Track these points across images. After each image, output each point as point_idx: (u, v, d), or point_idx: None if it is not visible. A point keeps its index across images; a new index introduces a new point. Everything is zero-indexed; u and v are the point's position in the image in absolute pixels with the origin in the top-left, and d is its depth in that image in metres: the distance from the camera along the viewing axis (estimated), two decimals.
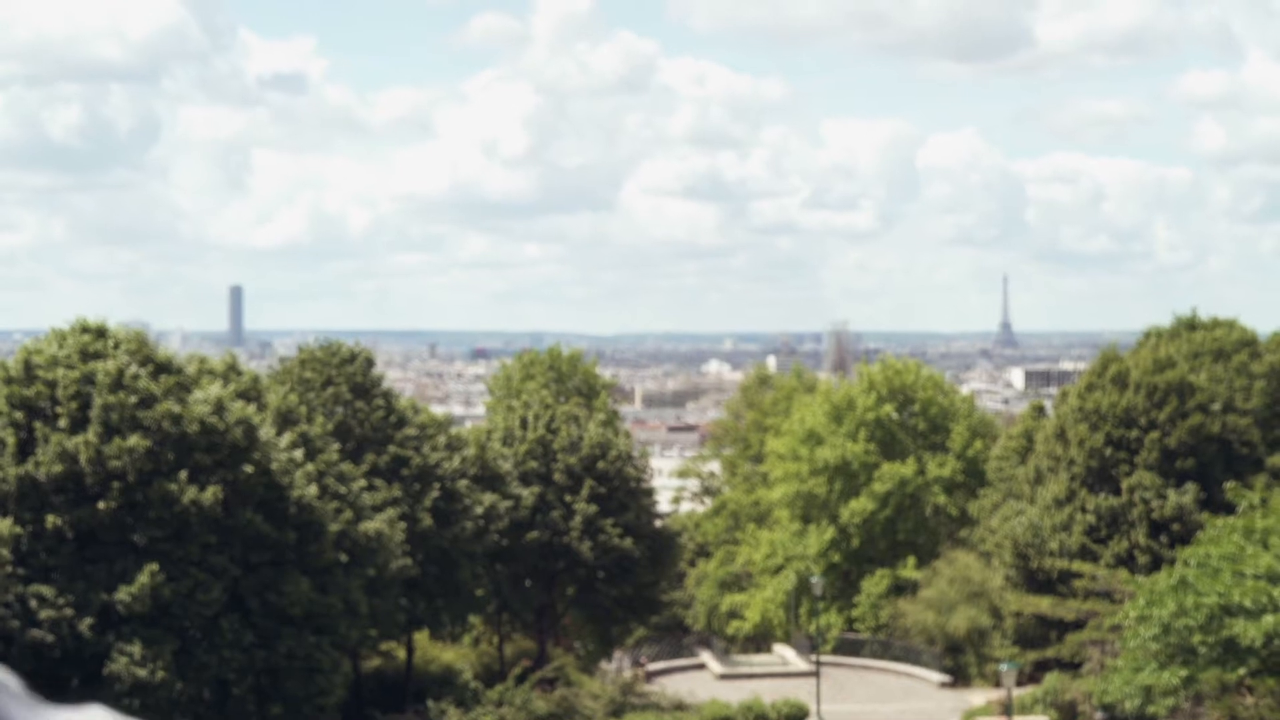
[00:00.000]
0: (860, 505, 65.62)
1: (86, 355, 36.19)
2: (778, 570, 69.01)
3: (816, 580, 53.95)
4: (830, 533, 66.66)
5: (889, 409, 67.90)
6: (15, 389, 35.75)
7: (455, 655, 51.63)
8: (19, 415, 35.36)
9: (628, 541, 52.03)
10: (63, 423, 35.00)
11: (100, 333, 37.31)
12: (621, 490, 53.31)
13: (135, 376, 35.31)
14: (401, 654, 48.74)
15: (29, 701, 0.86)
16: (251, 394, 39.91)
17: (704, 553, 77.57)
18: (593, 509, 51.70)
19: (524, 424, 53.72)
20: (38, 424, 35.16)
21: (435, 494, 45.15)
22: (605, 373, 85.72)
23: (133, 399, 34.79)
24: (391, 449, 45.22)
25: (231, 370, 40.90)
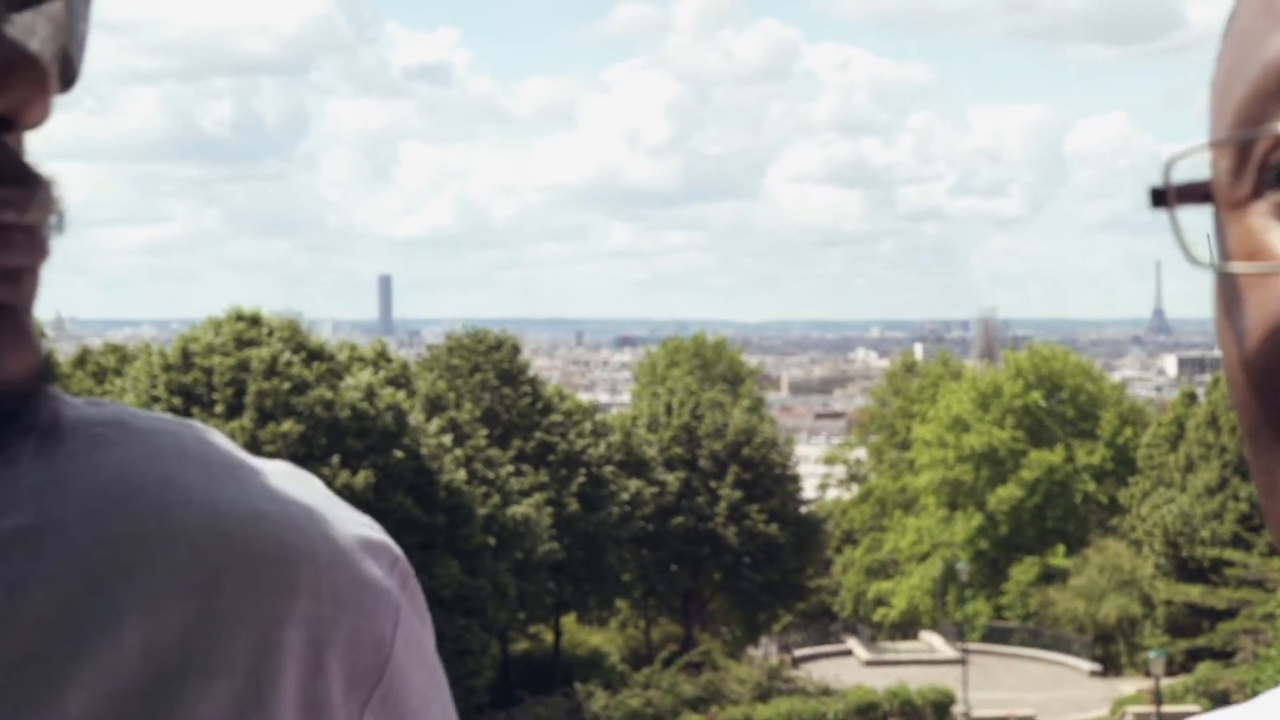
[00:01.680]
0: (1008, 493, 65.02)
1: (241, 343, 37.06)
2: (924, 557, 68.58)
3: (963, 567, 53.64)
4: (977, 520, 66.12)
5: (1036, 396, 67.20)
6: (173, 376, 36.74)
7: (602, 639, 52.06)
8: (177, 401, 36.32)
9: (773, 527, 52.11)
10: (219, 409, 35.91)
11: (254, 321, 38.17)
12: (766, 476, 53.40)
13: (288, 363, 36.11)
14: (549, 637, 49.27)
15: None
16: (401, 381, 40.60)
17: (850, 539, 77.23)
18: (738, 495, 51.84)
19: (669, 410, 53.97)
20: (195, 410, 36.08)
21: (581, 479, 45.59)
22: (751, 360, 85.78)
23: (286, 385, 35.59)
24: (538, 435, 45.74)
25: (381, 358, 41.62)
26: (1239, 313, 0.64)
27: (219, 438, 0.94)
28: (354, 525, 0.94)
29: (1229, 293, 0.65)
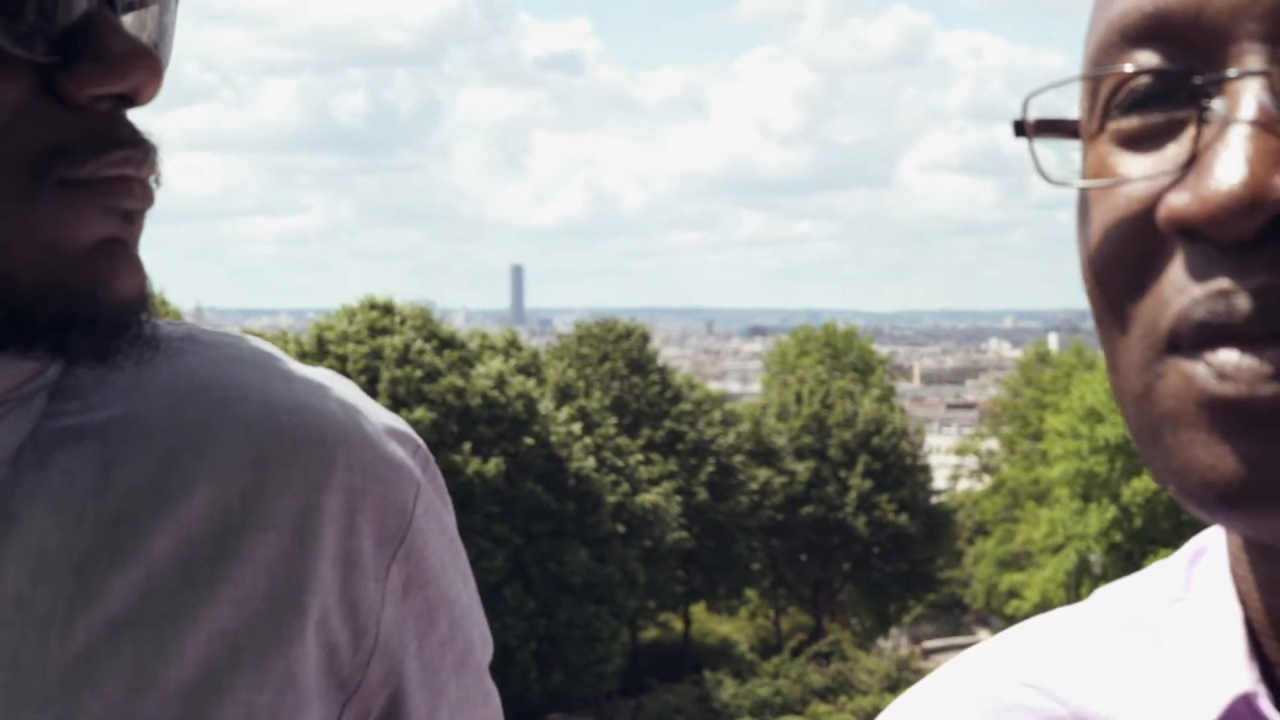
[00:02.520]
0: (1143, 484, 64.07)
1: (375, 331, 37.54)
2: (1057, 550, 67.83)
3: (1097, 560, 52.97)
4: (1111, 512, 65.26)
5: None
6: (309, 364, 37.14)
7: (731, 628, 52.09)
8: None
9: (903, 518, 51.83)
10: None
11: (388, 309, 38.64)
12: (897, 466, 53.10)
13: (420, 352, 36.53)
14: (678, 626, 49.38)
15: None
16: (531, 369, 40.90)
17: (982, 531, 76.62)
18: (868, 485, 51.61)
19: (799, 399, 53.85)
20: None
21: (710, 469, 45.65)
22: (883, 350, 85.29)
23: (418, 373, 36.00)
24: (667, 424, 45.84)
25: (512, 346, 41.95)
26: (1086, 222, 0.76)
27: (272, 348, 1.13)
28: (383, 416, 1.13)
29: (1082, 207, 0.77)
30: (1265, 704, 0.76)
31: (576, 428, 38.82)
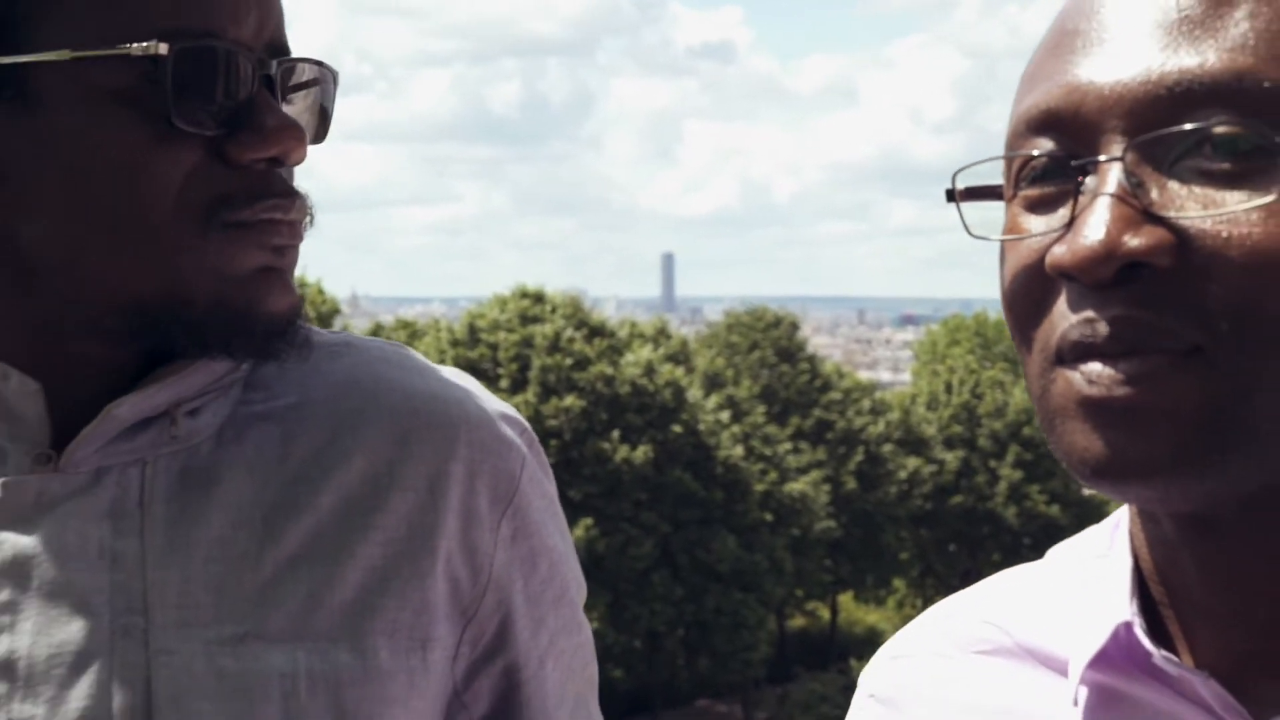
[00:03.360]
0: None
1: (525, 320, 37.98)
2: None
3: None
4: None
5: None
6: (460, 351, 37.83)
7: (879, 617, 51.97)
8: None
9: (1054, 509, 51.27)
10: (503, 383, 36.87)
11: (538, 298, 39.06)
12: (1048, 457, 52.50)
13: (571, 340, 36.90)
14: (826, 614, 49.40)
15: None
16: (680, 357, 41.11)
17: None
18: (1018, 475, 51.15)
19: (948, 389, 53.51)
20: (481, 384, 37.11)
21: (859, 458, 45.56)
22: None
23: (568, 361, 36.37)
24: (816, 412, 45.84)
25: (661, 334, 42.19)
26: (1002, 265, 0.98)
27: (410, 351, 1.44)
28: (497, 405, 1.42)
29: (1001, 254, 0.98)
30: (1139, 631, 0.96)
31: (725, 416, 38.97)
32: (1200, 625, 0.97)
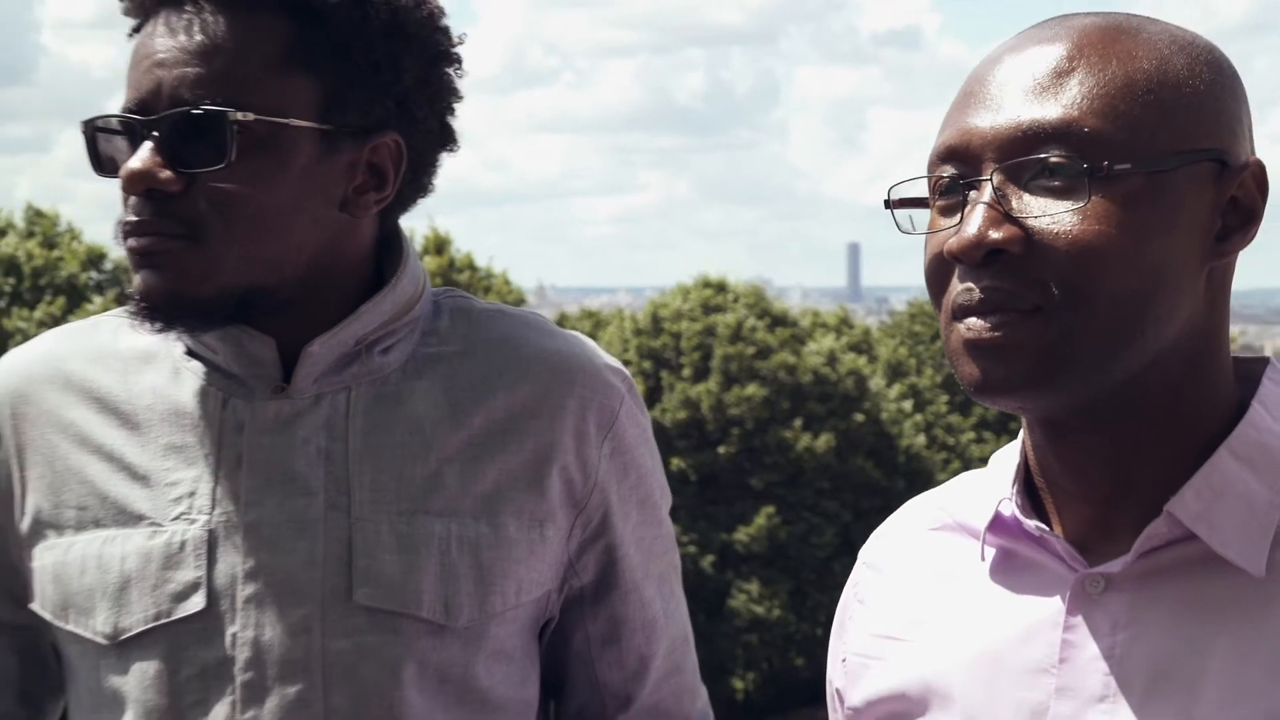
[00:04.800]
0: None
1: (708, 309, 38.38)
2: None
3: None
4: None
5: None
6: (644, 340, 38.38)
7: None
8: (647, 365, 37.95)
9: None
10: (686, 372, 37.35)
11: (720, 287, 39.44)
12: None
13: (753, 329, 37.25)
14: None
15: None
16: (863, 346, 41.23)
17: None
18: None
19: None
20: (664, 373, 37.69)
21: None
22: (1233, 328, 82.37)
23: (750, 350, 36.72)
24: None
25: (843, 324, 42.34)
26: (926, 253, 1.37)
27: (546, 319, 1.91)
28: (605, 359, 1.89)
29: (925, 245, 1.37)
30: (1014, 506, 1.40)
31: (908, 405, 39.04)
32: (1062, 502, 1.40)
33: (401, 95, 1.70)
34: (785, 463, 35.85)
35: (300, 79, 1.65)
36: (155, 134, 1.62)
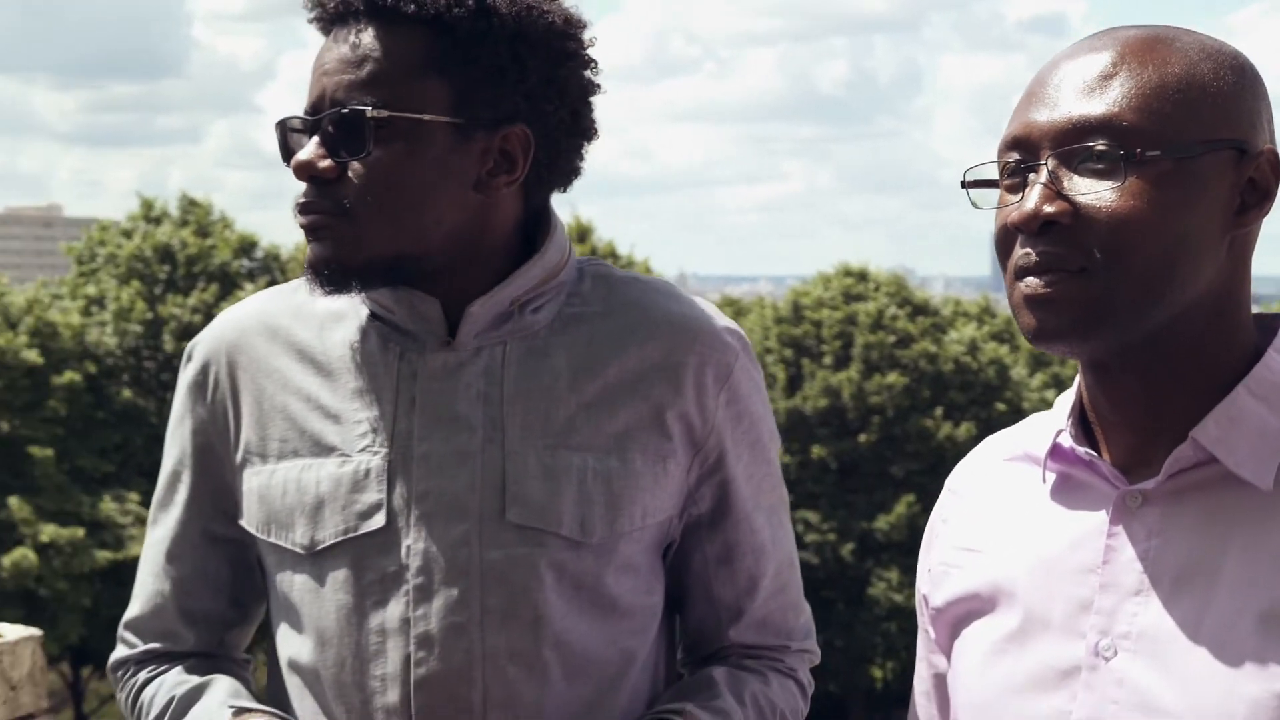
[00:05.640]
0: None
1: (849, 297, 38.41)
2: None
3: None
4: None
5: None
6: (785, 328, 38.53)
7: None
8: (788, 353, 38.12)
9: None
10: (827, 360, 37.44)
11: (862, 276, 39.42)
12: None
13: (894, 317, 37.25)
14: None
15: None
16: (1005, 335, 41.00)
17: None
18: None
19: None
20: (805, 361, 37.83)
21: None
22: None
23: (891, 339, 36.72)
24: None
25: (985, 312, 42.13)
26: (995, 224, 1.62)
27: (674, 286, 2.20)
28: (724, 321, 2.17)
29: (995, 219, 1.62)
30: (1068, 436, 1.66)
31: (1050, 395, 38.71)
32: (1109, 432, 1.67)
33: (528, 92, 2.00)
34: (926, 451, 35.79)
35: (435, 80, 1.96)
36: (318, 130, 1.98)
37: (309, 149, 1.98)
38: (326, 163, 1.97)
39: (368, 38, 1.97)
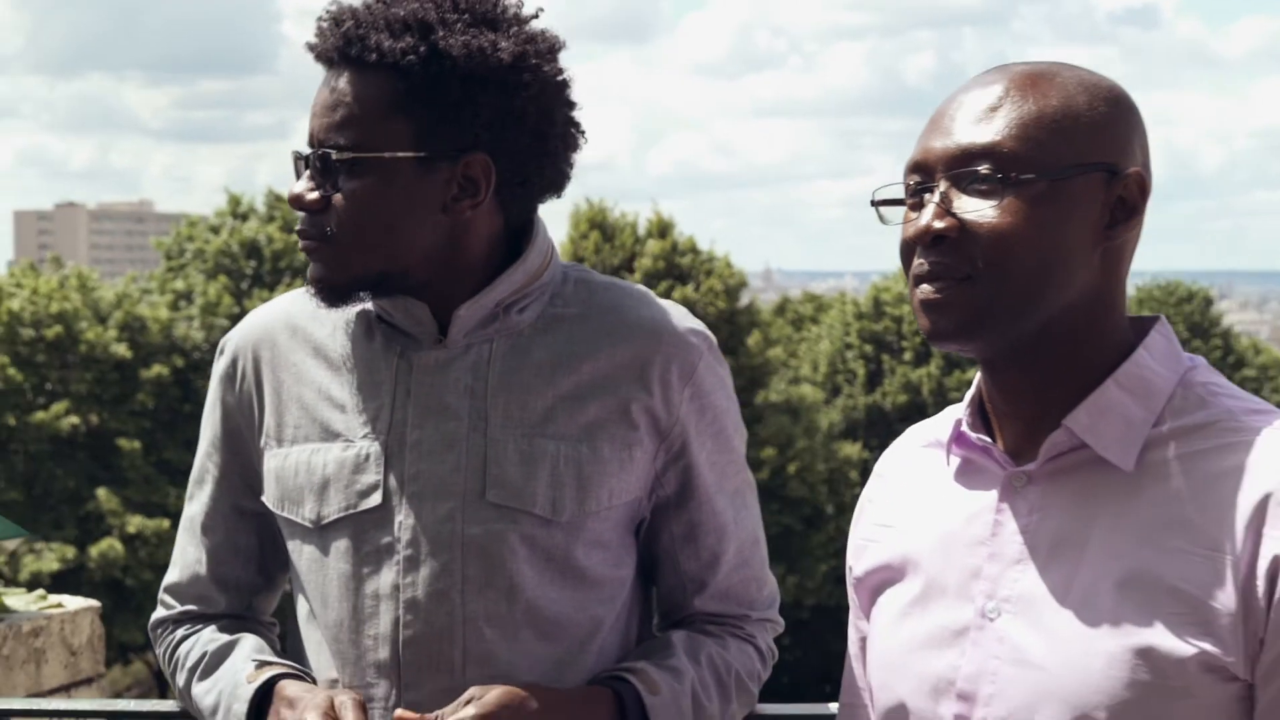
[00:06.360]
0: None
1: None
2: None
3: None
4: None
5: None
6: (865, 324, 38.67)
7: None
8: (868, 348, 38.27)
9: None
10: (907, 356, 37.56)
11: None
12: None
13: None
14: None
15: None
16: None
17: None
18: None
19: None
20: (885, 357, 37.94)
21: None
22: None
23: None
24: None
25: None
26: (900, 238, 1.83)
27: (648, 291, 2.41)
28: (690, 323, 2.37)
29: (900, 233, 1.83)
30: (965, 425, 1.89)
31: None
32: (1001, 422, 1.89)
33: (485, 123, 2.23)
34: None
35: (399, 119, 2.21)
36: (309, 165, 2.25)
37: (300, 183, 2.26)
38: (314, 195, 2.24)
39: (343, 83, 2.23)
